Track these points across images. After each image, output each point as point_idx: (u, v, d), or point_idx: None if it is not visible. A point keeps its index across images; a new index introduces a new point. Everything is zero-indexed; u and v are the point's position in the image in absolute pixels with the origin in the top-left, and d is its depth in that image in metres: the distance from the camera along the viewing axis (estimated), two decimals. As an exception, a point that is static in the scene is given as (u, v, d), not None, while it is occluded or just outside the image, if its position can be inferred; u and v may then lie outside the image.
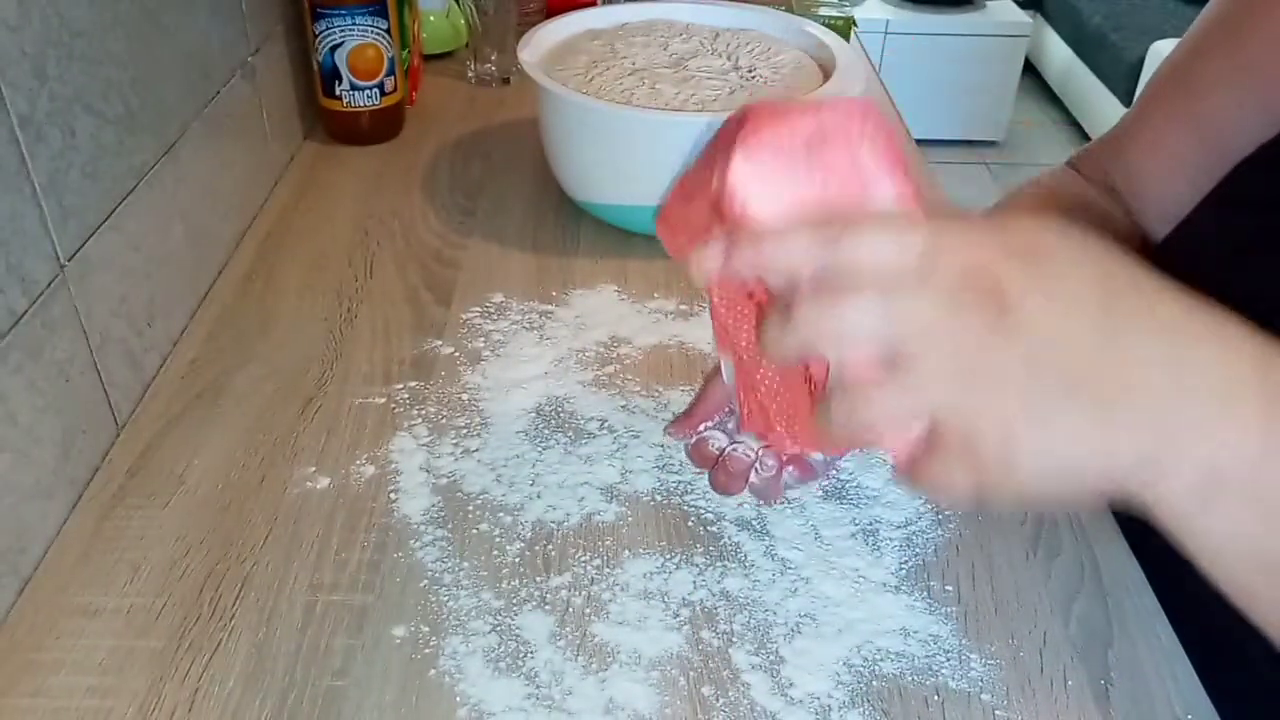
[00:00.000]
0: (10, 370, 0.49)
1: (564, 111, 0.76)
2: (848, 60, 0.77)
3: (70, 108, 0.54)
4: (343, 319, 0.70)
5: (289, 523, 0.54)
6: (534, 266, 0.77)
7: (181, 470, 0.58)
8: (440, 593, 0.50)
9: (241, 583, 0.51)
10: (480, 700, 0.45)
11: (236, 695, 0.46)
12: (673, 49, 0.80)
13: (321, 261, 0.76)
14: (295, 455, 0.59)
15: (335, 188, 0.87)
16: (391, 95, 0.92)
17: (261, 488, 0.57)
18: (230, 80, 0.77)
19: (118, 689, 0.46)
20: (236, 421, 0.61)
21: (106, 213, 0.58)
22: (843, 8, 1.11)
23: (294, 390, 0.63)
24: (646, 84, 0.75)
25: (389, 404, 0.62)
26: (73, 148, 0.54)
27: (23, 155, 0.50)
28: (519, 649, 0.48)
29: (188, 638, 0.48)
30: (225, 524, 0.54)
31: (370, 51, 0.89)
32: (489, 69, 1.06)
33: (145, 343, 0.63)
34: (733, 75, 0.77)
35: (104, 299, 0.58)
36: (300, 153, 0.92)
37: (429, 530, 0.54)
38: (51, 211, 0.52)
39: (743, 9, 0.87)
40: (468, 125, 0.98)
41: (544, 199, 0.85)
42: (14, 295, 0.49)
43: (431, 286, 0.74)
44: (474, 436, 0.60)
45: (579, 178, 0.79)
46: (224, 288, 0.73)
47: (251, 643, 0.48)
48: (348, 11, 0.86)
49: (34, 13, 0.51)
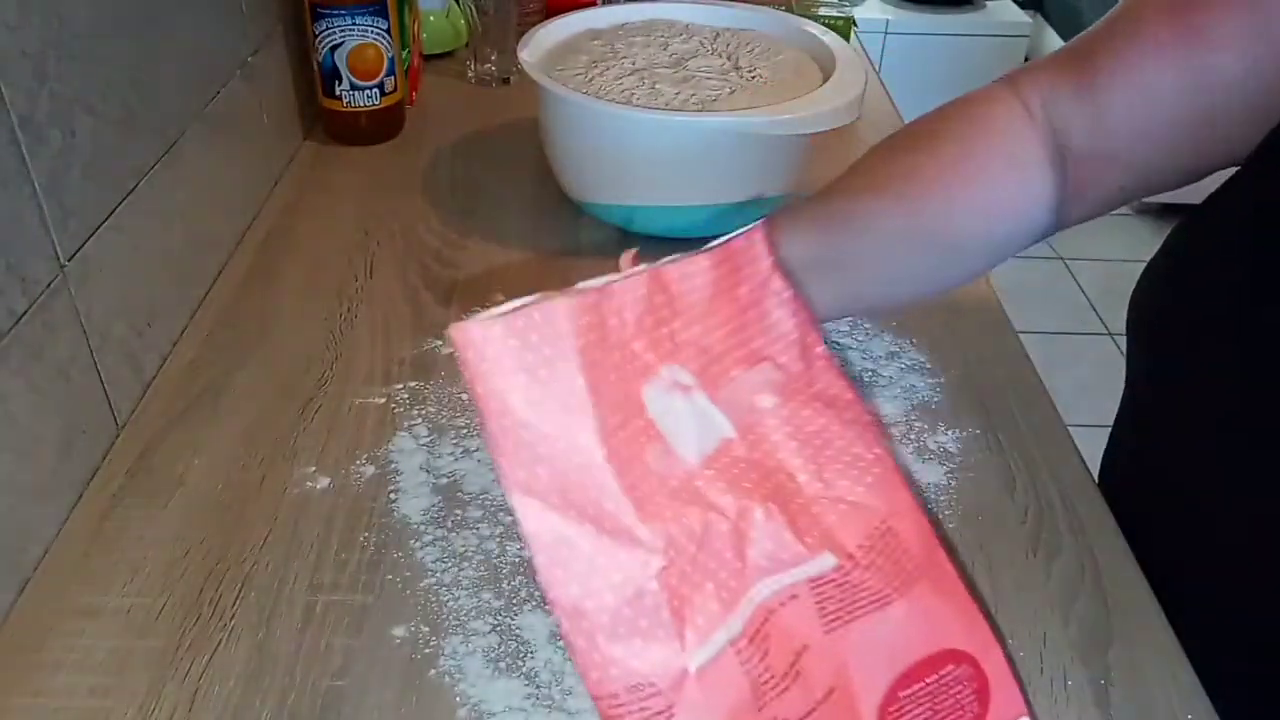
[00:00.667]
0: (10, 370, 0.49)
1: (564, 111, 0.76)
2: (848, 60, 0.77)
3: (70, 108, 0.54)
4: (343, 319, 0.70)
5: (289, 523, 0.54)
6: (534, 266, 0.77)
7: (181, 470, 0.57)
8: (440, 593, 0.50)
9: (241, 583, 0.51)
10: (480, 700, 0.45)
11: (236, 695, 0.46)
12: (673, 49, 0.80)
13: (321, 261, 0.76)
14: (295, 455, 0.59)
15: (335, 188, 0.87)
16: (391, 95, 0.92)
17: (261, 488, 0.56)
18: (230, 80, 0.77)
19: (118, 689, 0.46)
20: (236, 421, 0.61)
21: (106, 213, 0.58)
22: (843, 8, 1.11)
23: (294, 390, 0.63)
24: (646, 84, 0.75)
25: (389, 404, 0.62)
26: (73, 148, 0.54)
27: (23, 155, 0.50)
28: (519, 649, 0.48)
29: (188, 638, 0.48)
30: (225, 524, 0.54)
31: (370, 51, 0.89)
32: (489, 69, 1.06)
33: (145, 343, 0.63)
34: (733, 75, 0.77)
35: (104, 299, 0.58)
36: (300, 153, 0.92)
37: (429, 530, 0.54)
38: (51, 211, 0.52)
39: (743, 9, 0.87)
40: (468, 125, 0.98)
41: (544, 199, 0.85)
42: (14, 295, 0.49)
43: (431, 286, 0.74)
44: (474, 436, 0.60)
45: (579, 178, 0.79)
46: (224, 288, 0.73)
47: (251, 643, 0.48)
48: (348, 11, 0.86)
49: (34, 13, 0.51)
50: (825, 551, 0.40)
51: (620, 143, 0.73)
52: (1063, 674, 0.48)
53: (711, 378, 0.40)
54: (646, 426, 0.39)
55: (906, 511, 0.42)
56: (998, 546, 0.54)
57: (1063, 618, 0.50)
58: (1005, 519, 0.56)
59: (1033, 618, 0.50)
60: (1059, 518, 0.56)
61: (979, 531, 0.55)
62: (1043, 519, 0.56)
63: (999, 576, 0.52)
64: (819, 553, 0.40)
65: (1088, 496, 0.58)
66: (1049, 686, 0.47)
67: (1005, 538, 0.55)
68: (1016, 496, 0.57)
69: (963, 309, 0.73)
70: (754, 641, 0.38)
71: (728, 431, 0.40)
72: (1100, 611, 0.51)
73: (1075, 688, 0.47)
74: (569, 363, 0.36)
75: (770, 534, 0.39)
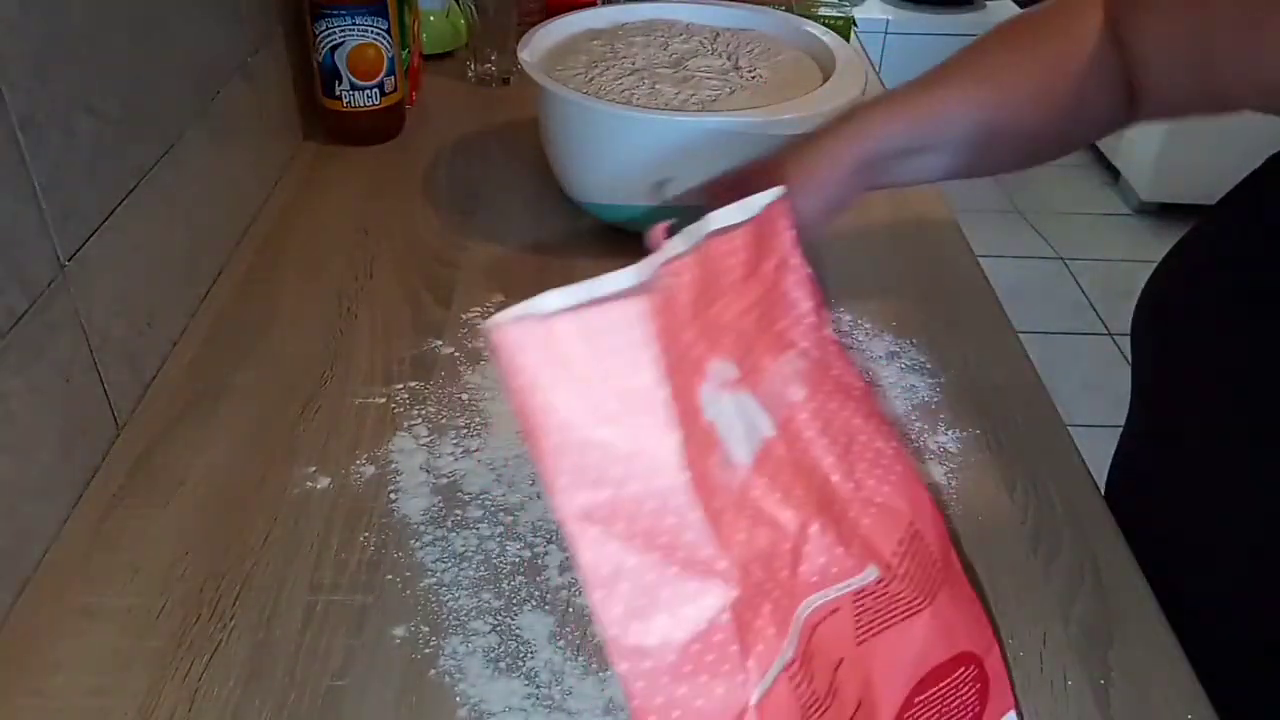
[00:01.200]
0: (10, 370, 0.49)
1: (564, 111, 0.76)
2: (848, 60, 0.77)
3: (70, 108, 0.54)
4: (343, 319, 0.70)
5: (289, 523, 0.54)
6: (534, 266, 0.77)
7: (181, 470, 0.57)
8: (440, 593, 0.50)
9: (241, 583, 0.51)
10: (480, 700, 0.45)
11: (236, 695, 0.46)
12: (673, 49, 0.80)
13: (321, 262, 0.76)
14: (295, 455, 0.59)
15: (335, 188, 0.87)
16: (391, 95, 0.92)
17: (261, 488, 0.56)
18: (230, 80, 0.77)
19: (118, 689, 0.46)
20: (236, 421, 0.61)
21: (106, 213, 0.58)
22: (843, 8, 1.11)
23: (294, 390, 0.63)
24: (646, 84, 0.75)
25: (389, 404, 0.62)
26: (73, 148, 0.54)
27: (23, 155, 0.50)
28: (519, 649, 0.48)
29: (188, 638, 0.48)
30: (225, 524, 0.54)
31: (370, 51, 0.89)
32: (489, 69, 1.06)
33: (145, 343, 0.63)
34: (733, 75, 0.77)
35: (104, 299, 0.58)
36: (300, 153, 0.92)
37: (429, 530, 0.54)
38: (51, 211, 0.52)
39: (743, 9, 0.87)
40: (468, 125, 0.98)
41: (544, 199, 0.85)
42: (14, 295, 0.49)
43: (431, 286, 0.74)
44: (474, 436, 0.60)
45: (579, 178, 0.79)
46: (224, 288, 0.73)
47: (251, 643, 0.48)
48: (348, 11, 0.86)
49: (34, 13, 0.51)
50: (871, 564, 0.38)
51: (620, 143, 0.73)
52: (1063, 674, 0.48)
53: (750, 368, 0.37)
54: (707, 433, 0.35)
55: (927, 511, 0.40)
56: (998, 546, 0.54)
57: (1063, 618, 0.50)
58: (1005, 519, 0.56)
59: (1033, 618, 0.50)
60: (1059, 518, 0.56)
61: (979, 531, 0.55)
62: (1042, 519, 0.56)
63: (999, 576, 0.52)
64: (865, 565, 0.37)
65: (1087, 496, 0.58)
66: (1049, 686, 0.47)
67: (1005, 538, 0.55)
68: (1016, 496, 0.57)
69: (963, 309, 0.73)
70: (803, 664, 0.35)
71: (769, 430, 0.37)
72: (1100, 612, 0.51)
73: (1075, 688, 0.47)
74: (648, 370, 0.32)
75: (824, 549, 0.37)
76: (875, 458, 0.40)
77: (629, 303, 0.31)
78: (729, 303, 0.37)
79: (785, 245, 0.40)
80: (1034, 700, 0.46)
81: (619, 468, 0.32)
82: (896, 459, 0.40)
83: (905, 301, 0.73)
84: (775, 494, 0.36)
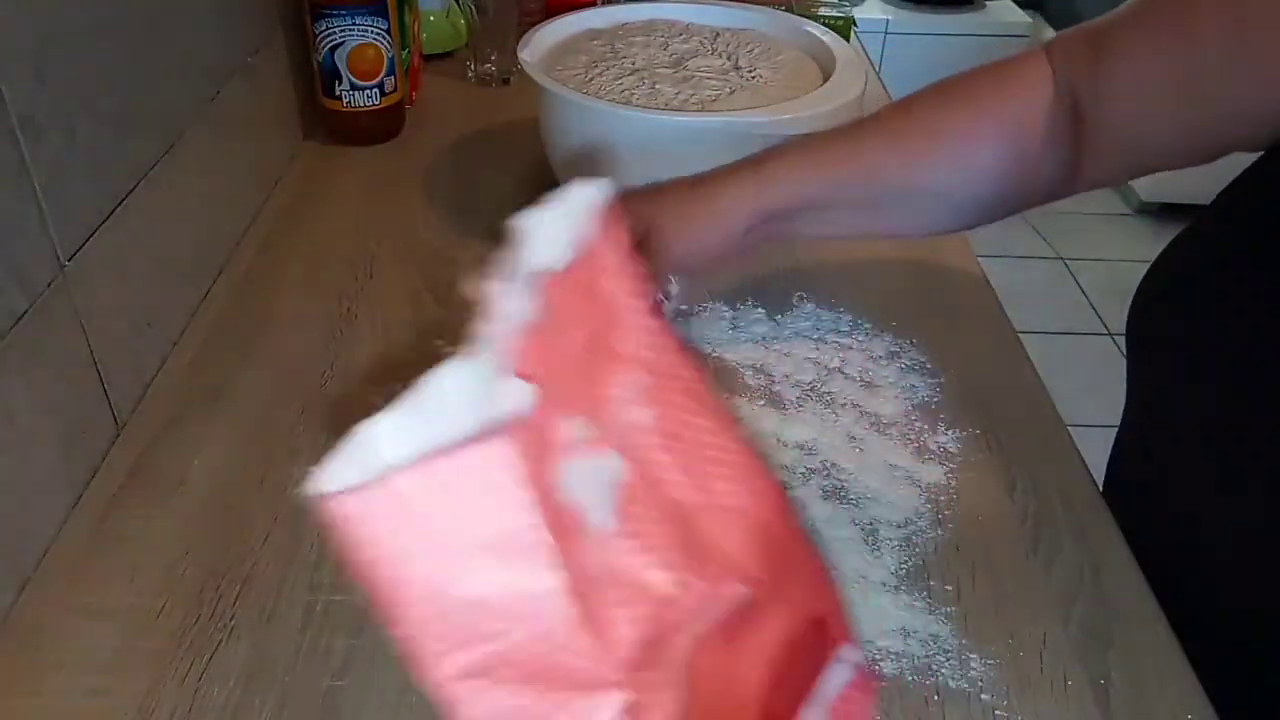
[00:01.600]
0: (10, 370, 0.49)
1: (564, 111, 0.75)
2: (848, 60, 0.77)
3: (70, 108, 0.54)
4: (343, 319, 0.70)
5: (289, 523, 0.54)
6: (534, 266, 0.77)
7: (181, 470, 0.57)
8: (440, 593, 0.50)
9: (241, 583, 0.51)
10: (480, 700, 0.45)
11: (236, 695, 0.46)
12: (673, 49, 0.80)
13: (321, 261, 0.76)
14: (295, 455, 0.59)
15: (335, 188, 0.87)
16: (391, 95, 0.92)
17: (261, 488, 0.56)
18: (230, 80, 0.77)
19: (118, 689, 0.46)
20: (236, 421, 0.61)
21: (106, 213, 0.58)
22: (843, 8, 1.11)
23: (294, 390, 0.63)
24: (646, 84, 0.75)
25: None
26: (73, 148, 0.54)
27: (23, 155, 0.50)
28: (519, 649, 0.48)
29: (188, 638, 0.48)
30: (225, 524, 0.54)
31: (370, 51, 0.89)
32: (489, 69, 1.06)
33: (145, 343, 0.63)
34: (733, 75, 0.77)
35: (104, 299, 0.58)
36: (300, 153, 0.92)
37: (429, 530, 0.54)
38: (51, 211, 0.52)
39: (743, 9, 0.87)
40: (468, 125, 0.98)
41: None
42: (14, 295, 0.49)
43: (431, 286, 0.74)
44: (474, 436, 0.60)
45: (579, 178, 0.79)
46: (224, 288, 0.73)
47: (251, 643, 0.48)
48: (348, 11, 0.86)
49: (34, 13, 0.51)
50: (736, 583, 0.34)
51: (620, 143, 0.73)
52: (1062, 674, 0.48)
53: (597, 407, 0.34)
54: (569, 512, 0.30)
55: (769, 493, 0.37)
56: (998, 547, 0.54)
57: (1063, 618, 0.50)
58: (1005, 519, 0.56)
59: (1033, 618, 0.50)
60: (1059, 518, 0.56)
61: (979, 531, 0.55)
62: (1042, 519, 0.56)
63: (999, 577, 0.52)
64: (730, 584, 0.34)
65: (1087, 496, 0.58)
66: (1049, 687, 0.47)
67: (1005, 538, 0.55)
68: (1016, 496, 0.57)
69: (963, 309, 0.73)
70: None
71: (623, 473, 0.33)
72: (1100, 612, 0.51)
73: (1075, 688, 0.47)
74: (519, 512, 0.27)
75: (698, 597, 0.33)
76: (718, 453, 0.37)
77: (487, 446, 0.27)
78: (571, 338, 0.33)
79: (612, 251, 0.36)
80: (1034, 700, 0.46)
81: (498, 623, 0.28)
82: (732, 444, 0.37)
83: (905, 301, 0.73)
84: (643, 554, 0.32)
